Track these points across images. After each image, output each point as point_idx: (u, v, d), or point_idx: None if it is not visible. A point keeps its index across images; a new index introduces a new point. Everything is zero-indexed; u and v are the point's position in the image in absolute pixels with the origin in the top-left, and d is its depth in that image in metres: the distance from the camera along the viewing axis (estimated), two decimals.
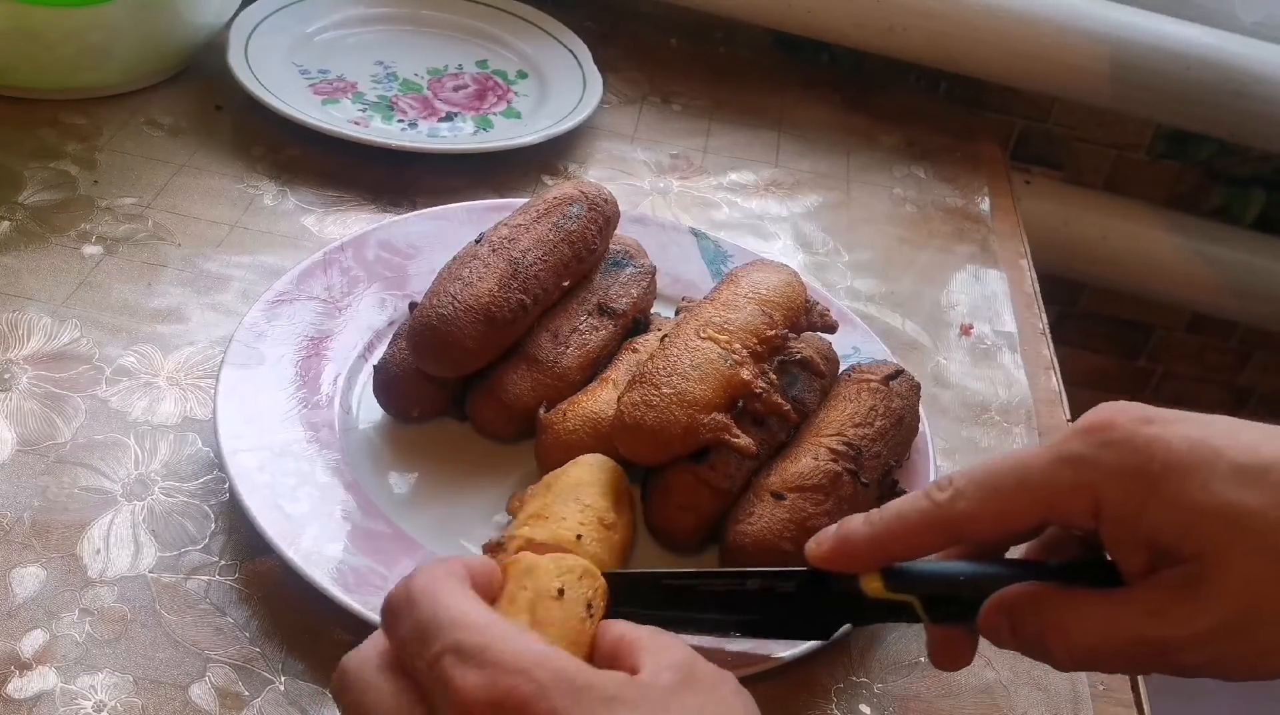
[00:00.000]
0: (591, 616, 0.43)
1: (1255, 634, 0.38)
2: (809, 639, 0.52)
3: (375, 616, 0.50)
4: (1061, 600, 0.41)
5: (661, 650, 0.39)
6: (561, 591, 0.43)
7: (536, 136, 0.84)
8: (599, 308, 0.65)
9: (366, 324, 0.66)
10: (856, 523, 0.45)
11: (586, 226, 0.65)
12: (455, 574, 0.40)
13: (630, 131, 0.93)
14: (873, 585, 0.45)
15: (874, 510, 0.45)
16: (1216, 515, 0.38)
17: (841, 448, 0.57)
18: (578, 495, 0.52)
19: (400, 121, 0.87)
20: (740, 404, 0.58)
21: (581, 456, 0.56)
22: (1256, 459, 0.38)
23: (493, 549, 0.51)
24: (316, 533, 0.54)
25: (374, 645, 0.39)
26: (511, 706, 0.34)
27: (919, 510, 0.43)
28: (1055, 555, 0.46)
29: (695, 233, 0.77)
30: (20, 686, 0.49)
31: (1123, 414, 0.41)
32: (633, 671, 0.38)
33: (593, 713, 0.35)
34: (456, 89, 0.92)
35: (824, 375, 0.63)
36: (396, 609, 0.38)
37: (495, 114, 0.90)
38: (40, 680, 0.49)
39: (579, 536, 0.50)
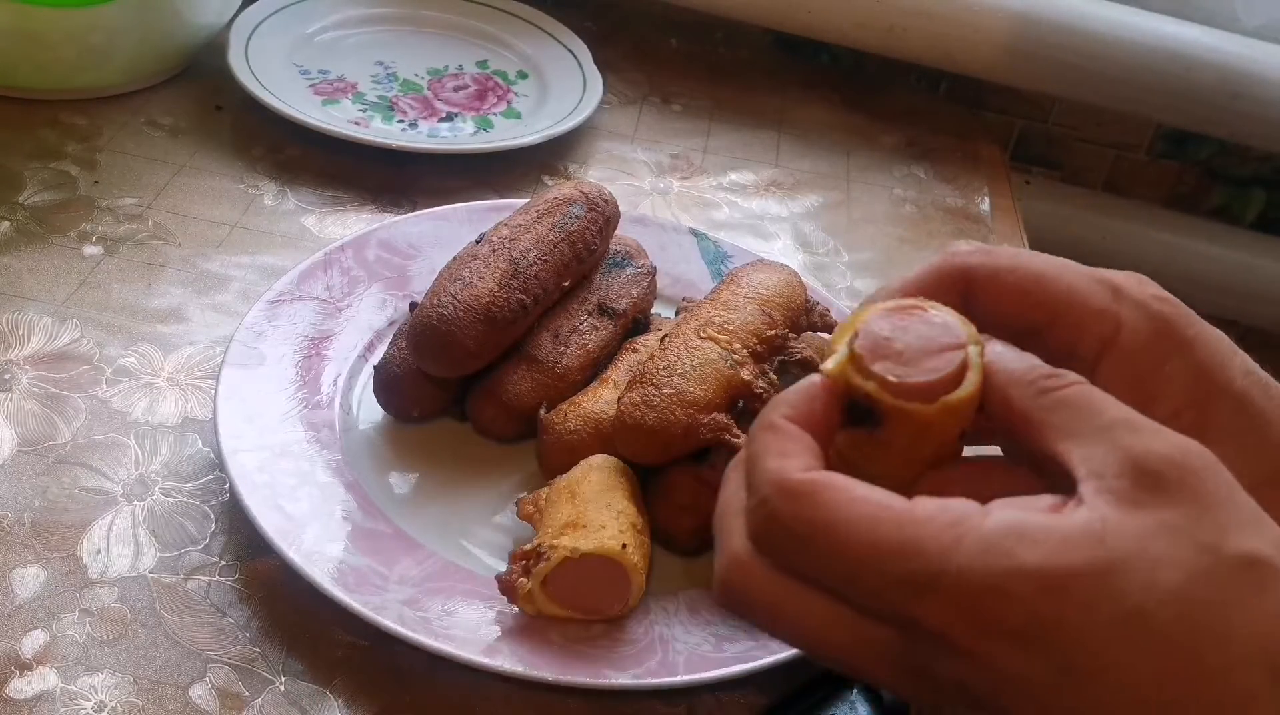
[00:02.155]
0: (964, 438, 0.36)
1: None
2: None
3: (375, 616, 0.50)
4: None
5: (1093, 435, 0.32)
6: (962, 432, 0.35)
7: (536, 137, 0.84)
8: (599, 308, 0.65)
9: (367, 324, 0.66)
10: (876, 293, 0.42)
11: (586, 227, 0.65)
12: (810, 460, 0.33)
13: (630, 132, 0.93)
14: None
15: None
16: (1229, 396, 0.38)
17: None
18: (608, 501, 0.53)
19: (400, 122, 0.87)
20: (740, 404, 0.58)
21: (591, 458, 0.56)
22: (1261, 373, 0.39)
23: (526, 556, 0.51)
24: (317, 533, 0.54)
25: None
26: (1025, 626, 0.30)
27: (930, 263, 0.41)
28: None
29: (695, 233, 0.77)
30: (20, 687, 0.49)
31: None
32: (1069, 483, 0.32)
33: (1097, 609, 0.29)
34: (456, 89, 0.92)
35: None
36: (799, 545, 0.32)
37: (495, 114, 0.90)
38: (40, 681, 0.49)
39: (624, 546, 0.51)
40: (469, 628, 0.52)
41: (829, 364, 0.35)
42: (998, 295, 0.39)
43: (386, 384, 0.61)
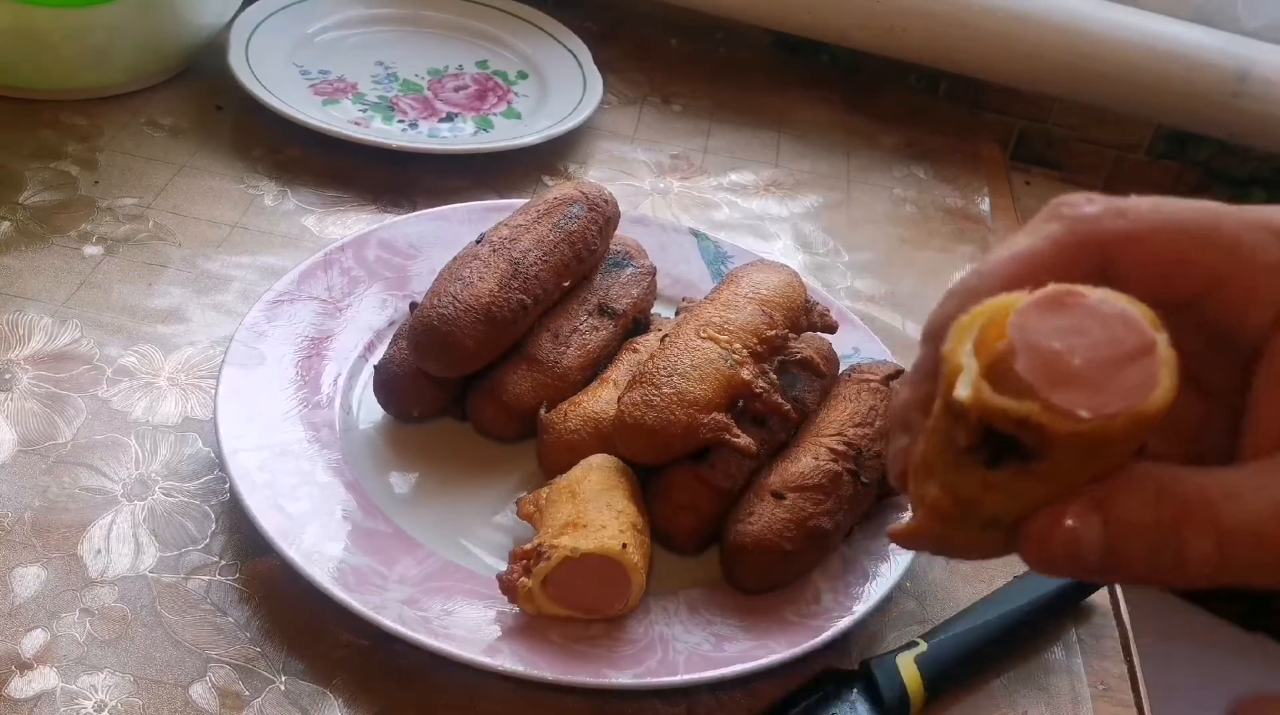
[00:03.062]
0: None
1: None
2: None
3: (376, 616, 0.50)
4: (1200, 477, 0.29)
5: None
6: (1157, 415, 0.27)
7: (537, 137, 0.84)
8: (599, 308, 0.65)
9: (367, 324, 0.66)
10: (950, 294, 0.32)
11: (587, 227, 0.65)
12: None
13: (630, 132, 0.93)
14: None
15: (966, 274, 0.32)
16: None
17: (842, 447, 0.57)
18: (608, 501, 0.53)
19: (400, 122, 0.87)
20: (740, 404, 0.58)
21: (590, 458, 0.56)
22: None
23: (527, 555, 0.51)
24: (317, 532, 0.54)
25: None
26: None
27: (1048, 233, 0.31)
28: None
29: (695, 233, 0.77)
30: (21, 686, 0.49)
31: None
32: None
33: None
34: (457, 89, 0.92)
35: (824, 375, 0.63)
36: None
37: (495, 114, 0.90)
38: (41, 680, 0.49)
39: (624, 545, 0.51)
40: (469, 627, 0.52)
41: (962, 391, 0.27)
42: (1143, 266, 0.31)
43: (386, 384, 0.61)
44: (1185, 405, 0.32)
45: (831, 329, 0.65)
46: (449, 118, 0.88)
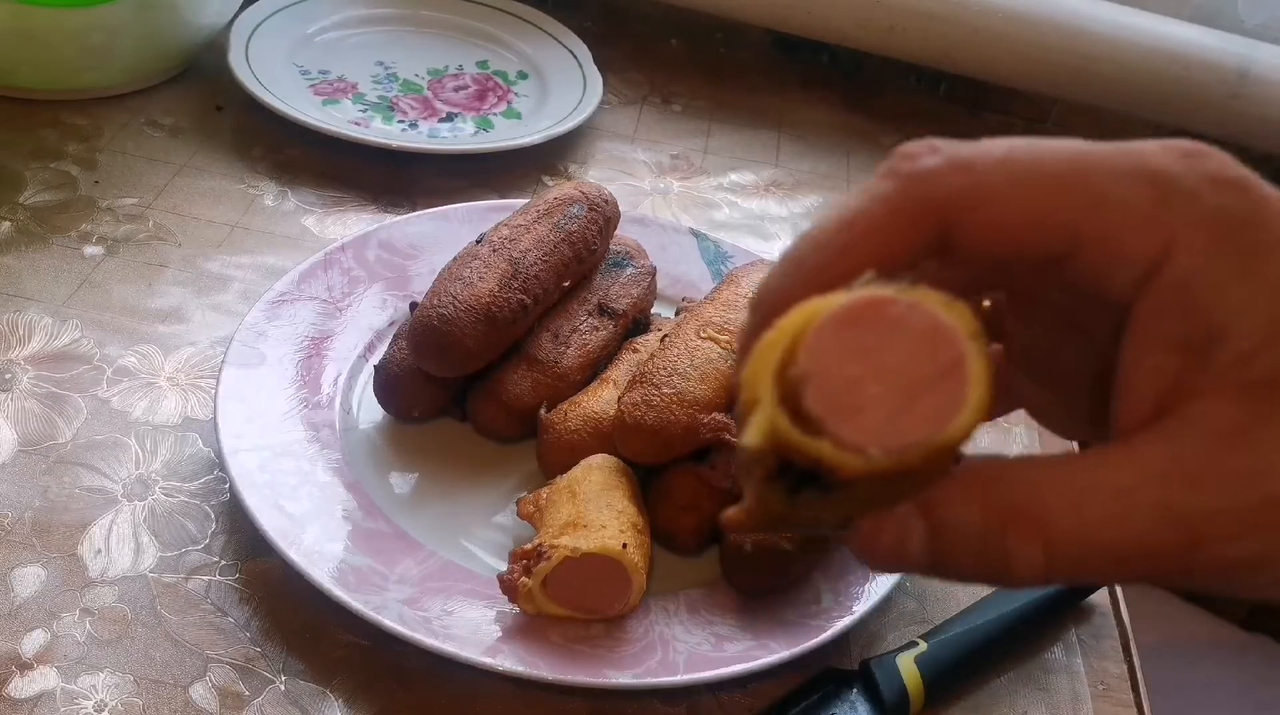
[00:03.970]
0: None
1: None
2: None
3: (376, 616, 0.50)
4: (1033, 474, 0.27)
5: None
6: None
7: (537, 137, 0.84)
8: (599, 308, 0.65)
9: (367, 324, 0.66)
10: (766, 282, 0.29)
11: (587, 227, 0.65)
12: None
13: (630, 132, 0.93)
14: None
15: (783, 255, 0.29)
16: None
17: None
18: (608, 501, 0.53)
19: (400, 122, 0.87)
20: None
21: (591, 458, 0.56)
22: None
23: (527, 555, 0.51)
24: (317, 532, 0.54)
25: None
26: None
27: (880, 193, 0.28)
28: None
29: (695, 233, 0.77)
30: (21, 686, 0.49)
31: (1222, 153, 0.29)
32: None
33: None
34: (457, 89, 0.92)
35: None
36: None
37: (495, 114, 0.90)
38: (41, 680, 0.49)
39: (625, 546, 0.51)
40: (469, 628, 0.52)
41: (750, 436, 0.25)
42: (991, 229, 0.27)
43: (387, 384, 0.61)
44: (1076, 359, 0.32)
45: None
46: (449, 118, 0.88)
